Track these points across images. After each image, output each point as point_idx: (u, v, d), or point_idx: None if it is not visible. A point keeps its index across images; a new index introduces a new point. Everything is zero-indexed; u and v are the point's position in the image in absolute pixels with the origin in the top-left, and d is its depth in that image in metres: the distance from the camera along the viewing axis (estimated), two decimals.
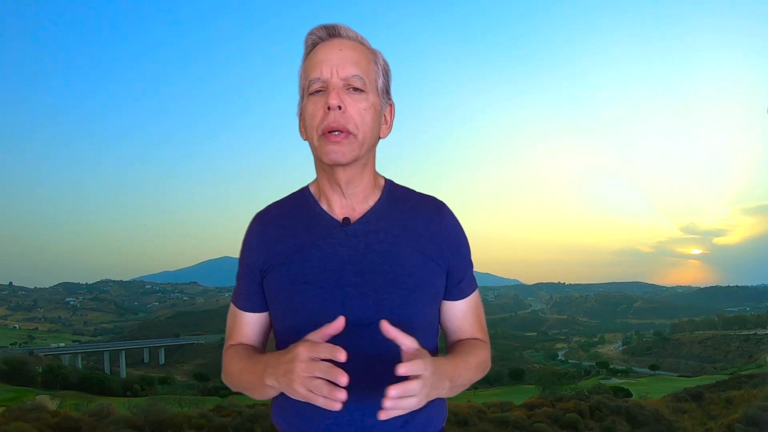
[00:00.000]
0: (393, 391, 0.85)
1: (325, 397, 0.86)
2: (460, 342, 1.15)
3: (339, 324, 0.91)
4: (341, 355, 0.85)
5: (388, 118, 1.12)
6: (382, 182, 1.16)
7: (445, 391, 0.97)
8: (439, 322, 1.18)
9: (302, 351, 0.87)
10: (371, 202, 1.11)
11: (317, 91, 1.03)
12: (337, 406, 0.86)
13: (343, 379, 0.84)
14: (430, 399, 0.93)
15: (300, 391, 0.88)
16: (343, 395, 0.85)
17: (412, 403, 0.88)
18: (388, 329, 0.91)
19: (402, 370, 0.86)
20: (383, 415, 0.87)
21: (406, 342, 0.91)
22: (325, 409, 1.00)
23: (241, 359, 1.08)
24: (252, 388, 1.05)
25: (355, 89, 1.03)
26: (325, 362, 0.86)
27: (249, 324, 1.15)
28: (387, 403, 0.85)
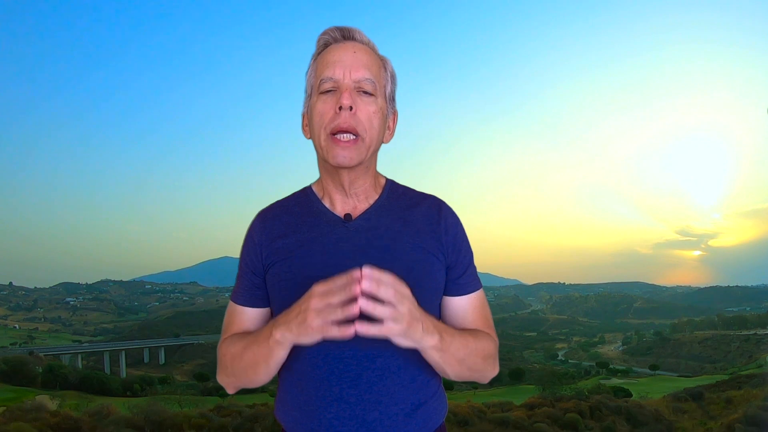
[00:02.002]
0: (366, 282, 0.82)
1: (337, 326, 0.84)
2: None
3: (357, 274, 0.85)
4: (357, 273, 0.83)
5: (391, 125, 1.14)
6: (383, 181, 1.18)
7: (433, 340, 0.93)
8: (442, 318, 1.17)
9: (317, 287, 0.87)
10: (372, 200, 1.13)
11: (327, 91, 1.04)
12: (350, 331, 0.83)
13: (356, 308, 0.82)
14: (413, 336, 0.89)
15: (314, 324, 0.85)
16: (356, 308, 0.83)
17: (386, 313, 0.83)
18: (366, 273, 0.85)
19: (366, 270, 0.82)
20: (359, 328, 0.83)
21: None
22: (327, 404, 1.01)
23: (242, 338, 1.07)
24: (257, 361, 1.01)
25: (366, 92, 1.04)
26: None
27: (249, 319, 1.14)
28: (361, 300, 0.82)
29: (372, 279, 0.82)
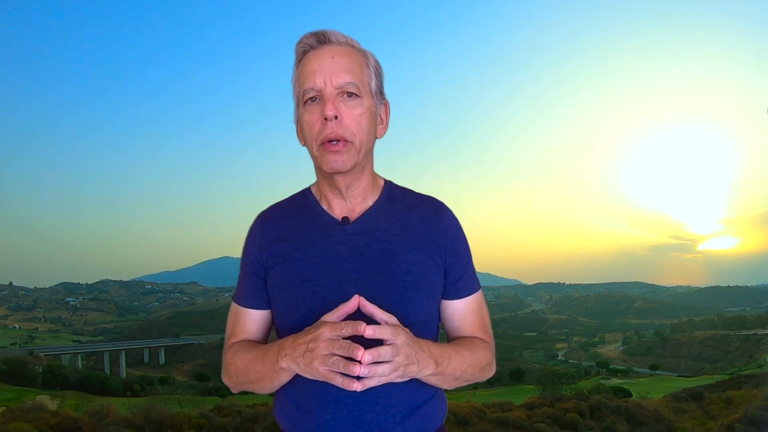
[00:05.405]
0: (367, 355, 0.85)
1: (342, 375, 0.88)
2: (458, 338, 1.16)
3: (354, 303, 0.93)
4: (361, 328, 0.87)
5: (383, 117, 1.13)
6: (382, 183, 1.17)
7: (429, 370, 0.97)
8: (441, 322, 1.18)
9: (325, 331, 0.89)
10: (370, 202, 1.13)
11: (312, 100, 1.04)
12: (354, 386, 0.87)
13: (359, 352, 0.85)
14: (410, 374, 0.94)
15: (320, 370, 0.89)
16: (357, 368, 0.86)
17: (385, 370, 0.88)
18: (365, 304, 0.93)
19: (369, 331, 0.87)
20: (359, 386, 0.87)
21: (383, 317, 0.93)
22: (324, 405, 1.02)
23: (248, 351, 1.08)
24: (262, 378, 1.04)
25: (350, 95, 1.03)
26: (344, 340, 0.88)
27: (253, 321, 1.16)
28: (363, 369, 0.86)
29: (373, 329, 0.88)
